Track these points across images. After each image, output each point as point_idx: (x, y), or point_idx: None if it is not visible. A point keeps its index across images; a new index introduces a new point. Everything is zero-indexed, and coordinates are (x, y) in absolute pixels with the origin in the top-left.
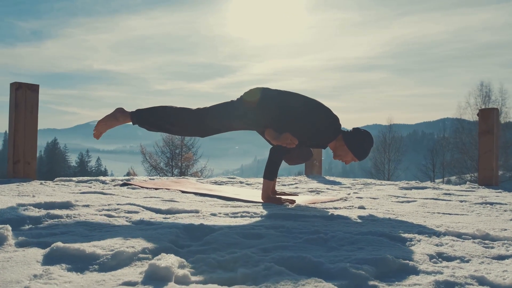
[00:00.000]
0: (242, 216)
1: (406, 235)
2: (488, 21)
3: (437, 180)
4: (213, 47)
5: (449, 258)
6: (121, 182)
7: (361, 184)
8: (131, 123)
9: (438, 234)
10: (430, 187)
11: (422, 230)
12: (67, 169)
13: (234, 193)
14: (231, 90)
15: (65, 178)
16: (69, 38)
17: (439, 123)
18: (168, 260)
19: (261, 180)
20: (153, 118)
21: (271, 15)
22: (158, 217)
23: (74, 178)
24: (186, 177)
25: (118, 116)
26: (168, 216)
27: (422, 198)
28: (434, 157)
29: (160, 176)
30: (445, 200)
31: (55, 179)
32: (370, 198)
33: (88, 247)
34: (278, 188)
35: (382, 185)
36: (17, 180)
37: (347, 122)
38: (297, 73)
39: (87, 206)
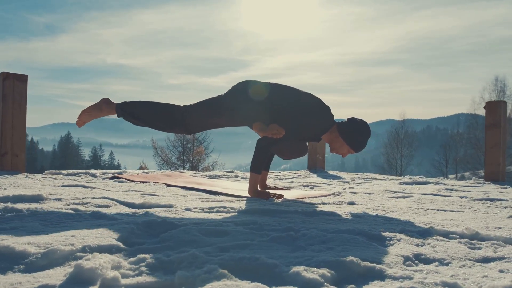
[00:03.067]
0: (217, 211)
1: (386, 233)
2: (503, 15)
3: (450, 176)
4: (226, 42)
5: (427, 261)
6: (110, 175)
7: (362, 178)
8: (115, 115)
9: (422, 233)
10: (432, 182)
11: (406, 228)
12: (80, 163)
13: (225, 187)
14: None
15: (54, 171)
16: (83, 32)
17: (453, 118)
18: (97, 261)
19: None
20: (138, 112)
21: (284, 9)
22: (128, 212)
23: (63, 171)
24: (182, 170)
25: (103, 107)
26: (138, 210)
27: (420, 194)
28: (447, 152)
29: (171, 170)
30: (444, 195)
31: (44, 172)
32: (365, 193)
33: (20, 244)
34: (275, 182)
35: (383, 180)
36: (4, 172)
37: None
38: (310, 68)
39: (59, 199)
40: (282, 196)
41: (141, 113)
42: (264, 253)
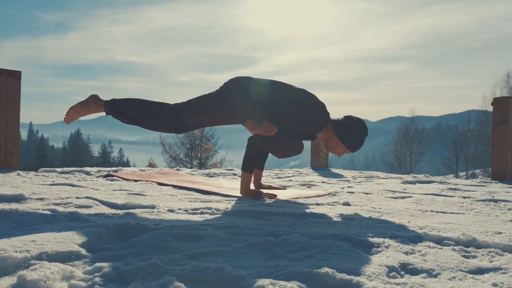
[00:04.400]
0: (201, 213)
1: (375, 239)
2: None
3: (461, 173)
4: (234, 38)
5: (414, 271)
6: (105, 173)
7: (364, 177)
8: (104, 113)
9: (414, 239)
10: (436, 181)
11: (398, 233)
12: (90, 159)
13: (219, 186)
14: None
15: (48, 169)
16: (92, 29)
17: (464, 115)
18: (42, 272)
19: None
20: (127, 110)
21: (293, 6)
22: (108, 212)
23: (58, 169)
24: (181, 168)
25: (91, 104)
26: (118, 212)
27: (421, 194)
28: (458, 149)
29: (179, 167)
30: (446, 196)
31: (39, 170)
32: (363, 193)
33: None
34: (273, 180)
35: (385, 178)
36: None
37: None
38: (318, 65)
39: (41, 199)
40: (275, 196)
41: (130, 111)
42: (235, 261)
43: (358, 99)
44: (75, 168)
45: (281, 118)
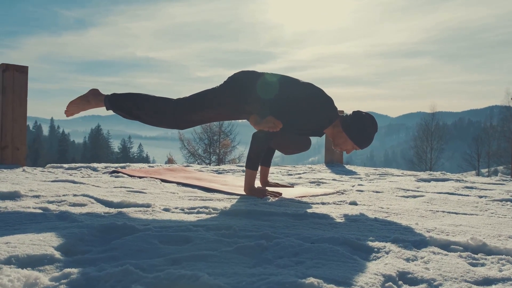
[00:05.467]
0: (198, 212)
1: (375, 243)
2: None
3: (483, 170)
4: (254, 34)
5: (413, 281)
6: (114, 169)
7: (377, 174)
8: (104, 108)
9: (418, 244)
10: (452, 179)
11: (402, 236)
12: (110, 155)
13: (224, 183)
14: None
15: (56, 164)
16: (112, 26)
17: (486, 110)
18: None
19: (274, 169)
20: (127, 105)
21: (312, 0)
22: (100, 211)
23: (65, 165)
24: (191, 165)
25: (91, 99)
26: (111, 210)
27: (434, 193)
28: (479, 146)
29: (198, 163)
30: (461, 195)
31: (46, 166)
32: (373, 191)
33: None
34: (283, 177)
35: (400, 176)
36: (3, 166)
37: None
38: (338, 60)
39: (37, 197)
40: (280, 194)
41: (130, 106)
42: (218, 267)
43: (378, 95)
44: (82, 164)
45: (286, 113)
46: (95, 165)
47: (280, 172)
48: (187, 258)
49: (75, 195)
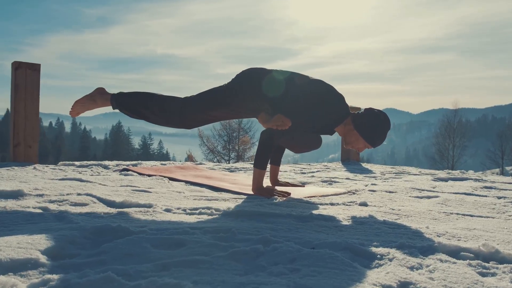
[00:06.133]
0: (200, 213)
1: (379, 249)
2: None
3: (507, 168)
4: (274, 30)
5: None
6: (124, 167)
7: (393, 173)
8: (110, 107)
9: (425, 250)
10: (471, 179)
11: (408, 242)
12: (130, 151)
13: (234, 182)
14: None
15: (68, 162)
16: (133, 23)
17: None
18: None
19: (288, 167)
20: (134, 104)
21: None
22: (100, 211)
23: (76, 162)
24: (203, 162)
25: (97, 98)
26: (112, 210)
27: (450, 193)
28: (504, 143)
29: (217, 159)
30: (479, 195)
31: (58, 163)
32: (386, 191)
33: None
34: (295, 176)
35: (417, 174)
36: (15, 164)
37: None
38: (359, 56)
39: (40, 195)
40: (288, 194)
41: (137, 106)
42: (207, 274)
43: (399, 91)
44: (94, 162)
45: (295, 111)
46: (106, 162)
47: (294, 170)
48: (177, 264)
49: (79, 194)
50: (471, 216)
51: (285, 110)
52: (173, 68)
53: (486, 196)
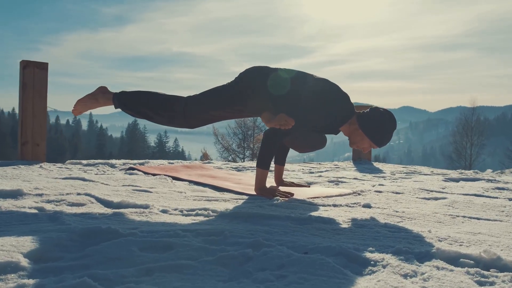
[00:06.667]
0: (196, 214)
1: (374, 255)
2: None
3: None
4: (290, 28)
5: None
6: (131, 166)
7: (404, 173)
8: (113, 106)
9: (422, 256)
10: (484, 179)
11: (406, 247)
12: (146, 149)
13: (238, 182)
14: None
15: (75, 161)
16: (149, 22)
17: None
18: None
19: (298, 166)
20: (136, 103)
21: None
22: (95, 212)
23: (83, 161)
24: (212, 161)
25: (99, 97)
26: (107, 211)
27: (460, 194)
28: None
29: (232, 157)
30: (489, 197)
31: (66, 162)
32: (393, 192)
33: None
34: (303, 175)
35: (428, 174)
36: (22, 162)
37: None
38: (375, 53)
39: (39, 195)
40: (291, 195)
41: (139, 105)
42: (190, 280)
43: (416, 89)
44: (101, 161)
45: (299, 110)
46: (113, 161)
47: (302, 169)
48: (162, 269)
49: (78, 194)
50: (478, 219)
51: (288, 109)
52: (188, 66)
53: (497, 197)
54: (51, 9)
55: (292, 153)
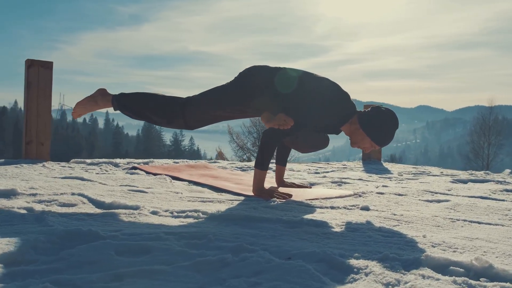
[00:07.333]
0: (186, 216)
1: (359, 261)
2: None
3: None
4: (306, 27)
5: None
6: (134, 165)
7: (412, 173)
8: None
9: (409, 264)
10: (493, 181)
11: (395, 253)
12: (162, 147)
13: (238, 183)
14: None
15: (79, 159)
16: (165, 21)
17: None
18: None
19: (304, 166)
20: (135, 105)
21: None
22: (84, 212)
23: (87, 160)
24: (218, 160)
25: (98, 99)
26: (97, 212)
27: (464, 196)
28: None
29: (246, 156)
30: (495, 199)
31: (70, 161)
32: (396, 194)
33: None
34: (309, 175)
35: (437, 175)
36: (25, 161)
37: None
38: (392, 52)
39: (33, 195)
40: (289, 196)
41: (138, 106)
42: (160, 286)
43: (433, 88)
44: (105, 160)
45: (298, 109)
46: (117, 160)
47: (308, 170)
48: (133, 274)
49: (72, 194)
50: (479, 223)
51: (288, 109)
52: (204, 65)
53: (503, 200)
54: (68, 8)
55: (308, 154)
